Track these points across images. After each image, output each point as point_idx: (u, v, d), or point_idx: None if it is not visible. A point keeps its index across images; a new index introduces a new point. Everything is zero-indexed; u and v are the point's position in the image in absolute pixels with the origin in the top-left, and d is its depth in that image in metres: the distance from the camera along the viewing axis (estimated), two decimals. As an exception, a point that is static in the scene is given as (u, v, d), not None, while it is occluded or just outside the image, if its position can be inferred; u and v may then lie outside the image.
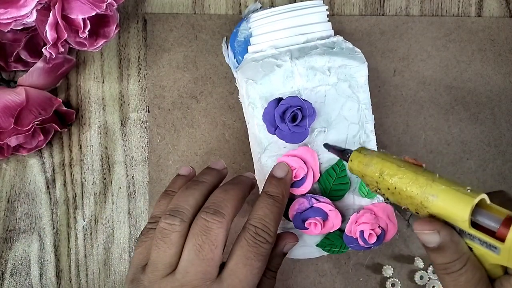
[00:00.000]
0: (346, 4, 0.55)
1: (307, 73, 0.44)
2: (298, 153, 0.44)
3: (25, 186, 0.54)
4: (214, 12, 0.54)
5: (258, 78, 0.44)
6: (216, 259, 0.39)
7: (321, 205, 0.44)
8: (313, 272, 0.54)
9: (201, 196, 0.42)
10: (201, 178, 0.44)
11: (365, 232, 0.44)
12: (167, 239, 0.39)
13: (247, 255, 0.39)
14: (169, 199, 0.43)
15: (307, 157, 0.44)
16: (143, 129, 0.54)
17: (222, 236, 0.39)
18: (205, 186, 0.43)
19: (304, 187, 0.44)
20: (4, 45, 0.51)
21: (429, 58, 0.55)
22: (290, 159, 0.44)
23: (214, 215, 0.39)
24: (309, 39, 0.45)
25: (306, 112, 0.43)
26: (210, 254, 0.38)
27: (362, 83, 0.45)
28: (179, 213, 0.40)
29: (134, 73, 0.54)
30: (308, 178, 0.44)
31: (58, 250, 0.54)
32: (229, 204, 0.40)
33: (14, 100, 0.48)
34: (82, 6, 0.44)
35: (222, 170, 0.46)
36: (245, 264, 0.39)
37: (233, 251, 0.40)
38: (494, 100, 0.55)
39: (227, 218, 0.40)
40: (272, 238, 0.40)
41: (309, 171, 0.44)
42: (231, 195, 0.41)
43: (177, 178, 0.47)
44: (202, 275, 0.38)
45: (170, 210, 0.41)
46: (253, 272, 0.39)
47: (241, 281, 0.39)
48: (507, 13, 0.55)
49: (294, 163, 0.44)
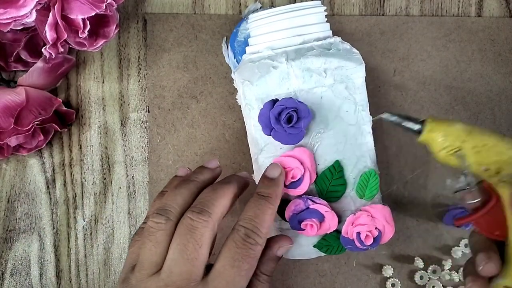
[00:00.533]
0: (346, 4, 0.54)
1: (303, 74, 0.43)
2: (295, 153, 0.44)
3: (25, 186, 0.54)
4: (214, 12, 0.54)
5: (254, 79, 0.44)
6: (201, 259, 0.38)
7: (317, 207, 0.44)
8: (313, 272, 0.54)
9: (190, 195, 0.41)
10: (193, 177, 0.43)
11: (362, 234, 0.44)
12: (152, 237, 0.39)
13: (234, 256, 0.38)
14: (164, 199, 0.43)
15: (303, 158, 0.44)
16: (143, 129, 0.54)
17: (208, 236, 0.38)
18: (195, 184, 0.43)
19: (301, 188, 0.44)
20: (4, 45, 0.51)
21: (429, 58, 0.54)
22: (287, 159, 0.44)
23: (199, 214, 0.39)
24: (306, 40, 0.45)
25: (302, 113, 0.43)
26: (194, 253, 0.38)
27: (359, 84, 0.45)
28: (166, 212, 0.40)
29: (134, 73, 0.54)
30: (305, 179, 0.44)
31: (58, 250, 0.54)
32: (216, 203, 0.40)
33: (14, 100, 0.48)
34: (81, 6, 0.44)
35: (215, 169, 0.46)
36: (233, 266, 0.38)
37: (221, 252, 0.39)
38: (494, 100, 0.55)
39: (214, 217, 0.39)
40: (262, 239, 0.40)
41: (306, 172, 0.44)
42: (220, 194, 0.41)
43: (174, 179, 0.46)
44: (187, 275, 0.38)
45: (157, 209, 0.40)
46: (241, 274, 0.38)
47: (228, 283, 0.38)
48: (507, 13, 0.55)
49: (291, 164, 0.44)
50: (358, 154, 0.46)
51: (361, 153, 0.46)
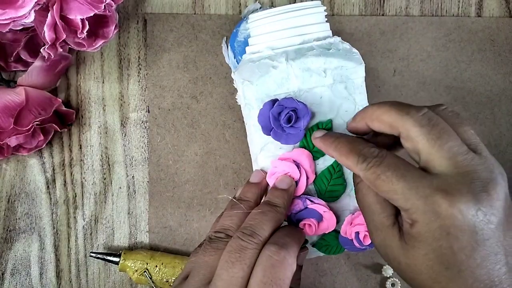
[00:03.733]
0: (346, 4, 0.54)
1: (303, 74, 0.43)
2: (293, 155, 0.44)
3: (25, 186, 0.54)
4: (214, 12, 0.54)
5: (254, 79, 0.43)
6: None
7: (315, 207, 0.44)
8: (313, 272, 0.54)
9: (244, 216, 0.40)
10: (275, 200, 0.41)
11: (360, 234, 0.44)
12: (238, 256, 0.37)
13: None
14: (239, 216, 0.41)
15: (302, 159, 0.44)
16: (143, 129, 0.54)
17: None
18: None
19: (297, 190, 0.44)
20: (4, 45, 0.51)
21: (429, 58, 0.54)
22: (283, 163, 0.44)
23: (280, 249, 0.37)
24: (306, 40, 0.44)
25: (301, 113, 0.43)
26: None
27: (359, 84, 0.45)
28: (252, 234, 0.38)
29: (134, 73, 0.54)
30: (301, 183, 0.44)
31: (58, 250, 0.54)
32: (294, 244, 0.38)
33: (14, 100, 0.48)
34: (80, 6, 0.44)
35: (260, 183, 0.44)
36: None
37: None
38: (494, 100, 0.55)
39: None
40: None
41: (302, 175, 0.44)
42: (297, 238, 0.39)
43: (250, 186, 0.44)
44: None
45: (244, 229, 0.39)
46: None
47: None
48: (507, 13, 0.55)
49: (286, 168, 0.44)
50: (357, 154, 0.46)
51: (360, 153, 0.46)
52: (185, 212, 0.54)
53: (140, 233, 0.54)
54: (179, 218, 0.54)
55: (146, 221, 0.54)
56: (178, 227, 0.54)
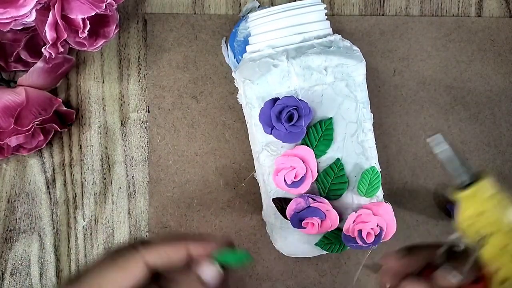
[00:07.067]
0: (346, 4, 0.55)
1: (304, 72, 0.43)
2: (297, 152, 0.44)
3: (25, 186, 0.54)
4: (214, 12, 0.54)
5: (255, 78, 0.44)
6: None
7: (318, 205, 0.44)
8: (313, 272, 0.54)
9: None
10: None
11: (363, 231, 0.44)
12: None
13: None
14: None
15: (306, 155, 0.44)
16: (143, 129, 0.54)
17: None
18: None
19: (303, 187, 0.44)
20: (4, 45, 0.51)
21: (429, 58, 0.54)
22: (290, 159, 0.44)
23: None
24: (306, 38, 0.45)
25: (302, 111, 0.43)
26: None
27: (360, 81, 0.45)
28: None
29: (134, 73, 0.54)
30: (307, 178, 0.44)
31: (58, 250, 0.54)
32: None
33: (14, 100, 0.48)
34: (81, 6, 0.44)
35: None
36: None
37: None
38: (494, 100, 0.55)
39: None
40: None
41: (308, 171, 0.44)
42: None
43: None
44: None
45: None
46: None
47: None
48: (507, 13, 0.55)
49: (294, 163, 0.44)
50: (359, 151, 0.46)
51: (362, 151, 0.46)
52: (185, 212, 0.54)
53: (140, 233, 0.54)
54: (179, 218, 0.54)
55: (146, 221, 0.54)
56: (178, 227, 0.54)
